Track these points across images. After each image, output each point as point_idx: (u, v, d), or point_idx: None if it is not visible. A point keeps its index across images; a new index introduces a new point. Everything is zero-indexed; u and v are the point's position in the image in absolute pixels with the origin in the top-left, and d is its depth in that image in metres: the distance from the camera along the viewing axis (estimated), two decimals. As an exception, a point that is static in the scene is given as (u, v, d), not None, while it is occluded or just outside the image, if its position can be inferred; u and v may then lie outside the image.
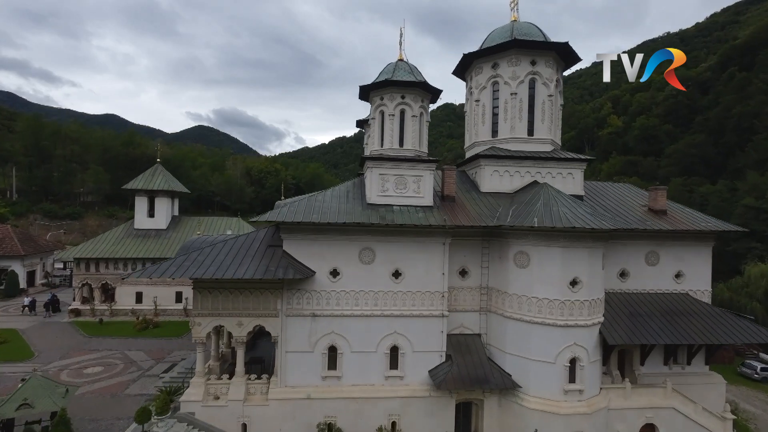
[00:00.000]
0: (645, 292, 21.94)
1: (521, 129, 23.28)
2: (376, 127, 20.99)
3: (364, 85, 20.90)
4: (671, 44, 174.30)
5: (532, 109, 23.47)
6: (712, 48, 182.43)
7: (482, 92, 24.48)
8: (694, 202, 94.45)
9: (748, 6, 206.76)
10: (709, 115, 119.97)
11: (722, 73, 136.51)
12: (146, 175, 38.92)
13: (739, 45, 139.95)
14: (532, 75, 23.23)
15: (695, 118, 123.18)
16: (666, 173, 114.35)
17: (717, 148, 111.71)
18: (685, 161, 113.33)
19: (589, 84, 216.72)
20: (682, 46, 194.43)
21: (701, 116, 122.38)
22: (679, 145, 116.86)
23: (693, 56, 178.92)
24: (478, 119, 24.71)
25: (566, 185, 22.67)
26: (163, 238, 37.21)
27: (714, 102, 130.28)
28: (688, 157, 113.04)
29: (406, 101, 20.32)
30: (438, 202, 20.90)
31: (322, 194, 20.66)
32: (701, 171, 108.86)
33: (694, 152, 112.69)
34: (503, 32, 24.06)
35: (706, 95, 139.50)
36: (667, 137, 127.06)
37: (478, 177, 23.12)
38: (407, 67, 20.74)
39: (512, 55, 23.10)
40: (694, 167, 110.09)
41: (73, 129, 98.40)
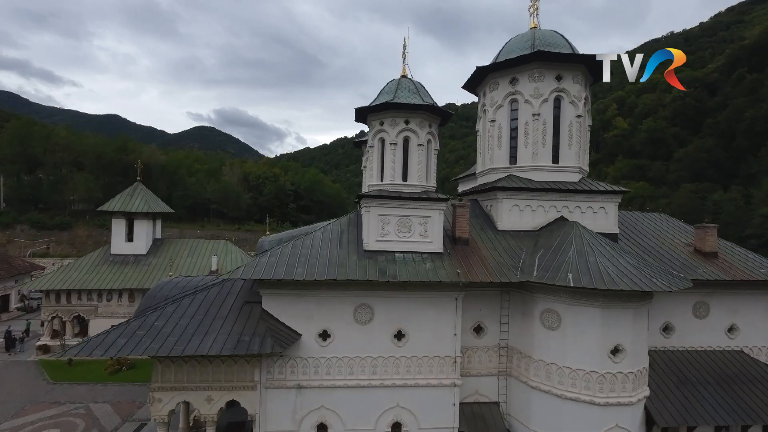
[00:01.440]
0: (693, 349, 18.59)
1: (545, 155, 19.91)
2: (375, 158, 17.63)
3: (361, 107, 17.55)
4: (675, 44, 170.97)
5: (557, 132, 20.10)
6: (717, 48, 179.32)
7: (498, 111, 21.10)
8: (707, 210, 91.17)
9: (753, 5, 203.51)
10: (719, 118, 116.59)
11: (730, 75, 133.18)
12: (124, 196, 35.59)
13: (747, 45, 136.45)
14: (558, 92, 19.85)
15: (704, 120, 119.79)
16: (675, 178, 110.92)
17: (728, 153, 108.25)
18: (695, 166, 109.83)
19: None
20: (686, 46, 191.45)
21: (711, 119, 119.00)
22: (688, 149, 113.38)
23: (698, 57, 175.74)
24: (493, 142, 21.34)
25: (597, 221, 19.33)
26: (142, 264, 33.90)
27: (722, 104, 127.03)
28: (698, 162, 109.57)
29: (411, 127, 16.96)
30: (448, 246, 17.54)
31: (311, 237, 17.31)
32: (712, 176, 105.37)
33: (705, 157, 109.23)
34: (522, 42, 20.68)
35: (714, 97, 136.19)
36: (675, 140, 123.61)
37: (495, 211, 19.76)
38: (412, 85, 17.37)
39: (534, 70, 19.72)
40: (704, 172, 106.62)
41: (63, 135, 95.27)
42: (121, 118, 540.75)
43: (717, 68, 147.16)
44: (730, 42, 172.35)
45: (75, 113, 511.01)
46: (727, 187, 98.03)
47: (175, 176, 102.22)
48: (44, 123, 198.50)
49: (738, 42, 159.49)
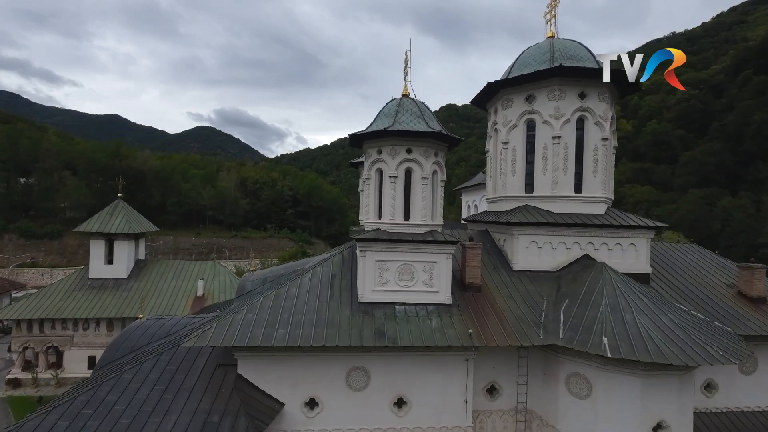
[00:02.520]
0: (739, 410, 16.09)
1: (566, 184, 17.41)
2: (372, 192, 15.12)
3: (355, 133, 15.06)
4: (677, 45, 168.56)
5: (579, 157, 17.61)
6: (720, 49, 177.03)
7: (512, 132, 18.60)
8: (716, 216, 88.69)
9: (756, 5, 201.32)
10: (725, 121, 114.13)
11: (736, 76, 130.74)
12: (103, 215, 33.07)
13: (753, 47, 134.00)
14: (581, 112, 17.36)
15: (710, 123, 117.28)
16: (682, 183, 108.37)
17: (736, 157, 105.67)
18: (702, 170, 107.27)
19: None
20: (688, 46, 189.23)
21: (717, 122, 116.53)
22: (695, 153, 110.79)
23: (702, 58, 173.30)
24: (507, 167, 18.83)
25: (627, 259, 16.87)
26: (122, 289, 31.39)
27: (728, 106, 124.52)
28: (705, 166, 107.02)
29: (414, 157, 14.45)
30: (457, 293, 15.05)
31: (297, 284, 14.82)
32: (719, 181, 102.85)
33: (712, 161, 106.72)
34: (539, 54, 18.18)
35: (719, 99, 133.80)
36: (680, 143, 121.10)
37: (509, 248, 17.28)
38: (415, 107, 14.86)
39: (554, 86, 17.23)
40: (711, 176, 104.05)
41: (54, 141, 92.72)
42: (122, 119, 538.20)
43: (722, 69, 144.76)
44: (733, 42, 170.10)
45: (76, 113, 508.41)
46: (735, 193, 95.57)
47: (170, 182, 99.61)
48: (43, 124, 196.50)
49: (741, 42, 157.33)
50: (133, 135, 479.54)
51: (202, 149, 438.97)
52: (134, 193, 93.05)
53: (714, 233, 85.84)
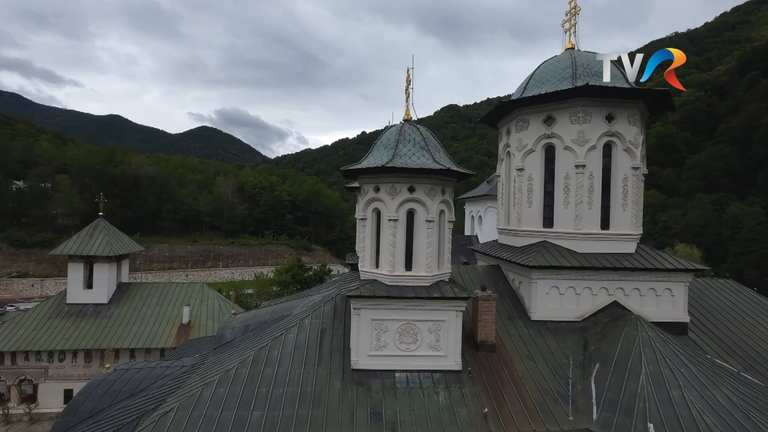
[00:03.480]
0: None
1: (591, 220, 15.18)
2: (368, 236, 12.88)
3: (348, 168, 12.84)
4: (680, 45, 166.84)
5: (606, 187, 15.38)
6: (723, 49, 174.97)
7: (528, 157, 16.38)
8: (726, 223, 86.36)
9: (759, 5, 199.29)
10: (732, 124, 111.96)
11: (742, 78, 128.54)
12: (82, 236, 30.84)
13: (759, 47, 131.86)
14: (609, 137, 15.14)
15: (716, 125, 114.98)
16: (688, 187, 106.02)
17: (744, 161, 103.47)
18: (709, 174, 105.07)
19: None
20: (691, 46, 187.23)
21: (724, 124, 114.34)
22: (701, 157, 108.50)
23: (705, 58, 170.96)
24: (522, 197, 16.60)
25: (662, 306, 14.68)
26: (102, 316, 29.18)
27: (734, 108, 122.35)
28: (712, 170, 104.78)
29: (417, 197, 12.22)
30: (467, 353, 12.82)
31: (279, 345, 12.60)
32: (727, 185, 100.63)
33: (719, 165, 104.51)
34: (559, 69, 15.96)
35: (724, 100, 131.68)
36: (686, 146, 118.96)
37: (526, 293, 15.07)
38: (418, 137, 12.63)
39: (578, 107, 15.01)
40: (719, 181, 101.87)
41: (45, 147, 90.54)
42: (123, 119, 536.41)
43: (727, 71, 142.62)
44: (737, 43, 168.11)
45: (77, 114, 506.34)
46: (744, 197, 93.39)
47: (166, 188, 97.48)
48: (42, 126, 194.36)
49: (746, 43, 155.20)
50: (135, 135, 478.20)
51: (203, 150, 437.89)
52: (129, 199, 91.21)
53: (723, 240, 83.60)
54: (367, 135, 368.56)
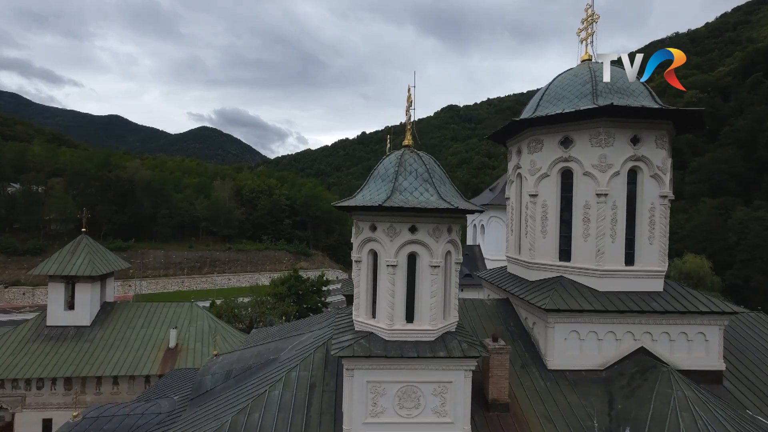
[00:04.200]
0: None
1: (614, 254, 13.54)
2: (364, 280, 11.22)
3: (341, 204, 11.19)
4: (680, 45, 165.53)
5: (631, 218, 13.74)
6: (725, 50, 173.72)
7: (542, 182, 14.74)
8: (732, 228, 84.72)
9: (760, 5, 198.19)
10: (736, 126, 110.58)
11: (744, 79, 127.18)
12: (64, 253, 29.14)
13: (762, 48, 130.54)
14: (634, 162, 13.51)
15: (719, 128, 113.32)
16: (693, 191, 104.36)
17: (748, 164, 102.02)
18: (713, 178, 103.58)
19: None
20: (692, 47, 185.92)
21: (728, 126, 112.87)
22: (705, 160, 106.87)
23: (707, 59, 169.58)
24: (535, 225, 14.95)
25: (693, 353, 13.10)
26: (84, 340, 27.47)
27: (737, 109, 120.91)
28: (716, 174, 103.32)
29: (420, 239, 10.56)
30: (477, 415, 11.18)
31: (261, 407, 10.97)
32: (732, 189, 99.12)
33: (724, 168, 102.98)
34: (577, 85, 14.33)
35: (727, 102, 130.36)
36: (689, 149, 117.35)
37: (541, 335, 13.45)
38: (421, 167, 10.97)
39: (600, 128, 13.38)
40: (724, 184, 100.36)
41: (37, 152, 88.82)
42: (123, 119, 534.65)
43: (729, 72, 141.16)
44: (738, 43, 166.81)
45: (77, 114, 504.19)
46: (749, 201, 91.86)
47: (162, 193, 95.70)
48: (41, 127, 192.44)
49: (747, 43, 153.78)
50: (135, 136, 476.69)
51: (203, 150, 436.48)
52: (124, 204, 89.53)
53: (729, 246, 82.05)
54: (367, 135, 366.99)
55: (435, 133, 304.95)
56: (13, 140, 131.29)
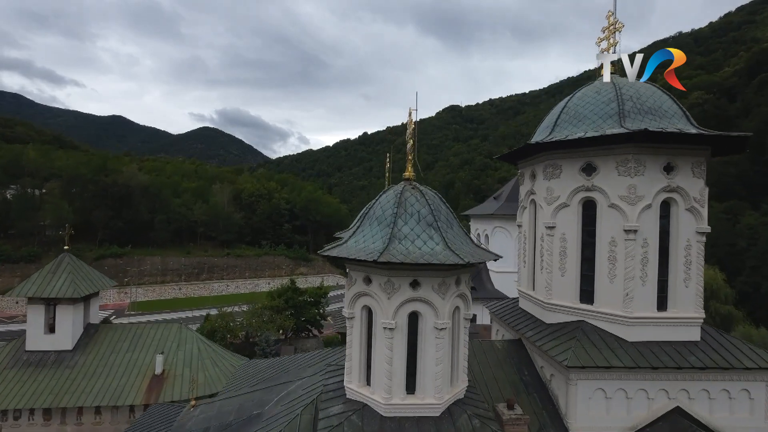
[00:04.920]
0: None
1: (645, 298, 11.86)
2: (357, 341, 9.55)
3: (329, 254, 9.51)
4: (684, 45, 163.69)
5: (664, 256, 12.03)
6: (729, 50, 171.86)
7: (561, 213, 13.05)
8: (741, 234, 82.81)
9: (764, 5, 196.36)
10: (743, 128, 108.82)
11: (751, 79, 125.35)
12: (44, 274, 27.49)
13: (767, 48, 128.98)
14: (668, 193, 11.81)
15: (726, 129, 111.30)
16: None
17: (756, 167, 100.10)
18: (721, 181, 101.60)
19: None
20: (695, 47, 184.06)
21: (735, 129, 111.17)
22: (711, 162, 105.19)
23: (711, 59, 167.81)
24: (552, 261, 13.26)
25: (737, 413, 11.43)
26: (65, 366, 25.81)
27: (744, 111, 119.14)
28: (724, 177, 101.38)
29: (423, 296, 8.88)
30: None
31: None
32: (740, 193, 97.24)
33: (732, 171, 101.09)
34: (601, 104, 12.64)
35: (733, 103, 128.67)
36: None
37: (561, 392, 11.78)
38: (425, 208, 9.28)
39: (629, 154, 11.69)
40: (731, 188, 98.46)
41: (32, 157, 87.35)
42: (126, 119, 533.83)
43: (735, 72, 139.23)
44: (743, 43, 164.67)
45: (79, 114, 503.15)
46: (758, 206, 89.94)
47: (160, 197, 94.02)
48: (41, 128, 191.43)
49: (752, 43, 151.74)
50: (137, 136, 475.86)
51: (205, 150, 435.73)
52: (120, 210, 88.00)
53: (738, 252, 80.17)
54: (368, 136, 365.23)
55: (437, 133, 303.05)
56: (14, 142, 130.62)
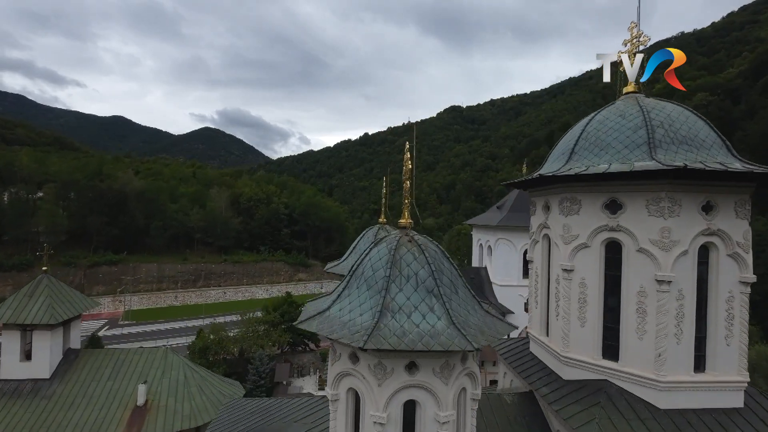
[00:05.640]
0: None
1: (680, 359, 10.23)
2: (341, 429, 7.91)
3: (308, 328, 7.84)
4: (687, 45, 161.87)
5: (702, 309, 10.38)
6: (732, 50, 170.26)
7: (580, 255, 11.41)
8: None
9: (767, 5, 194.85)
10: (748, 131, 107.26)
11: (756, 81, 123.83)
12: (20, 297, 25.86)
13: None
14: (707, 237, 10.17)
15: (731, 131, 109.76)
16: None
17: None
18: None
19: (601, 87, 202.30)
20: (698, 47, 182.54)
21: (741, 131, 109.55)
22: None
23: (715, 60, 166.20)
24: (570, 309, 11.61)
25: (789, 492, 9.65)
26: (41, 396, 24.18)
27: (749, 113, 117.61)
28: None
29: (422, 382, 7.22)
30: None
31: None
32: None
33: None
34: (627, 131, 11.01)
35: (738, 105, 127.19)
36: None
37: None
38: (423, 269, 7.59)
39: (662, 192, 10.04)
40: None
41: (25, 162, 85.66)
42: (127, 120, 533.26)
43: (739, 74, 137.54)
44: (746, 43, 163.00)
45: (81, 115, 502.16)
46: (765, 211, 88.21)
47: (156, 203, 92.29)
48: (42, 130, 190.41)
49: (755, 43, 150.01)
50: (138, 137, 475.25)
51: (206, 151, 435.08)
52: (116, 216, 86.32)
53: (745, 259, 78.47)
54: (369, 136, 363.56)
55: (438, 134, 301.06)
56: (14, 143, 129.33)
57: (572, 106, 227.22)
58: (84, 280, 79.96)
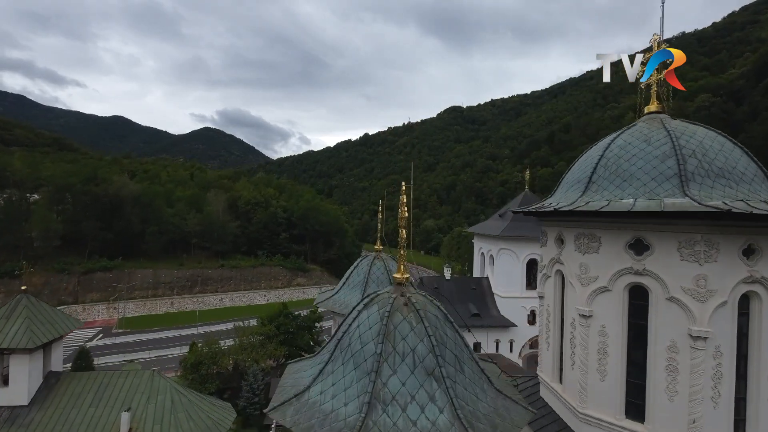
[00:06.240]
0: None
1: (717, 423, 8.93)
2: None
3: (279, 414, 6.53)
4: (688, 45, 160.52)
5: (741, 366, 9.05)
6: (733, 50, 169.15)
7: (599, 299, 10.09)
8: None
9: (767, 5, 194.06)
10: (752, 132, 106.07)
11: (758, 82, 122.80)
12: (-4, 320, 24.56)
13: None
14: (749, 285, 8.83)
15: (734, 133, 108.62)
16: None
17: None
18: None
19: (602, 87, 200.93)
20: (699, 47, 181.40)
21: (744, 133, 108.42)
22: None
23: (716, 60, 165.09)
24: (588, 358, 10.29)
25: None
26: (19, 425, 22.71)
27: (752, 114, 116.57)
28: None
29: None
30: None
31: None
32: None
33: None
34: (652, 159, 9.71)
35: (740, 106, 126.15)
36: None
37: None
38: (423, 343, 6.17)
39: (698, 234, 8.70)
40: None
41: (18, 166, 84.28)
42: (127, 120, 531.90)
43: (742, 74, 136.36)
44: (748, 43, 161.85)
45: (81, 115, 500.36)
46: None
47: (152, 207, 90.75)
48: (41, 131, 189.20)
49: (756, 43, 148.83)
50: (138, 137, 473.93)
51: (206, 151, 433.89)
52: (110, 221, 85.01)
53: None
54: (369, 137, 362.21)
55: (438, 134, 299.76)
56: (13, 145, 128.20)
57: (573, 106, 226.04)
58: (78, 287, 78.54)
